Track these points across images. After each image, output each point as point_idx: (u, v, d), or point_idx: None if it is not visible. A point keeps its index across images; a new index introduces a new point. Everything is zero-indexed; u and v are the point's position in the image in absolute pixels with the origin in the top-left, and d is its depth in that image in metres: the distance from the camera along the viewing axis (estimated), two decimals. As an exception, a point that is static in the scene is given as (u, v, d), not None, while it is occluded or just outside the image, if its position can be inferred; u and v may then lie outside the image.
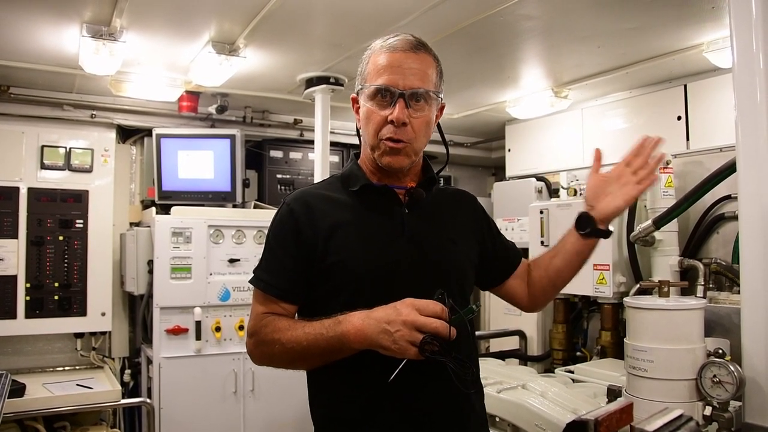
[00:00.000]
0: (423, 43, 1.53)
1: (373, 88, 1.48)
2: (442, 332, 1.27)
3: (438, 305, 1.31)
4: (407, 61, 1.47)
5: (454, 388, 1.35)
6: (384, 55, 1.49)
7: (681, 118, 3.50)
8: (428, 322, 1.28)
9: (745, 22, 1.72)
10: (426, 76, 1.49)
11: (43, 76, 3.61)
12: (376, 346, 1.33)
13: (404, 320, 1.29)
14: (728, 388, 1.60)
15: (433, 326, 1.28)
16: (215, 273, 3.84)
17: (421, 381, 1.43)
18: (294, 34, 3.02)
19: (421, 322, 1.28)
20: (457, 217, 1.66)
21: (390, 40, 1.51)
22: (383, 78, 1.46)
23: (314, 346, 1.40)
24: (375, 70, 1.49)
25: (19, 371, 3.67)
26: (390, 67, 1.47)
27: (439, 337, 1.27)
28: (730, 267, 3.09)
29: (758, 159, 1.70)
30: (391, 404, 1.45)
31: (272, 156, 4.65)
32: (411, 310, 1.30)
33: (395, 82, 1.45)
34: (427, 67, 1.50)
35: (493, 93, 4.09)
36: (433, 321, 1.28)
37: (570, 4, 2.64)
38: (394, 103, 1.45)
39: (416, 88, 1.46)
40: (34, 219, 3.73)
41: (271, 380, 3.84)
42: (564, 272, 1.70)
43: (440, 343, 1.27)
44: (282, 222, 1.56)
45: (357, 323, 1.35)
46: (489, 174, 6.06)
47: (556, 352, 3.72)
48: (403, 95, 1.45)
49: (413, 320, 1.28)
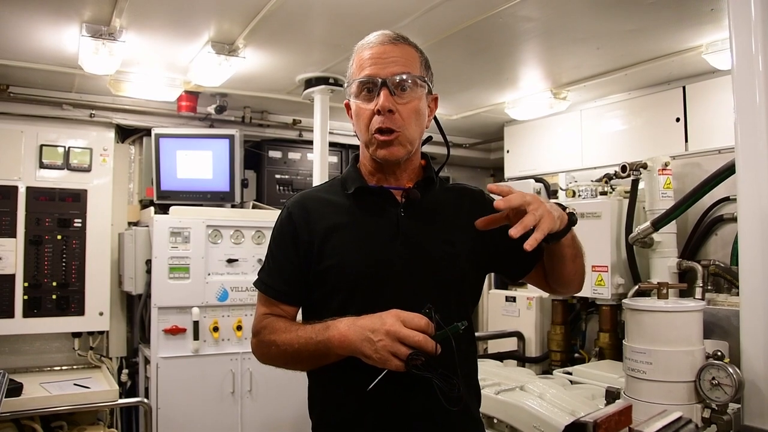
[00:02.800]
0: (403, 36, 1.54)
1: (357, 82, 1.49)
2: (426, 347, 1.28)
3: (423, 320, 1.31)
4: (387, 51, 1.48)
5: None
6: (364, 51, 1.50)
7: (680, 120, 3.50)
8: (411, 335, 1.28)
9: (744, 24, 1.72)
10: (408, 63, 1.49)
11: (42, 76, 3.61)
12: (359, 354, 1.34)
13: (387, 330, 1.29)
14: (727, 390, 1.60)
15: (416, 339, 1.28)
16: (213, 273, 3.84)
17: (412, 385, 1.43)
18: (293, 35, 3.02)
19: (404, 334, 1.28)
20: (458, 217, 1.61)
21: (370, 38, 1.52)
22: (365, 71, 1.48)
23: (304, 350, 1.43)
24: (358, 67, 1.51)
25: (16, 370, 3.66)
26: (370, 59, 1.48)
27: (425, 352, 1.28)
28: (728, 269, 3.09)
29: (757, 161, 1.70)
30: (382, 408, 1.45)
31: (271, 156, 4.64)
32: (395, 321, 1.30)
33: (376, 72, 1.46)
34: (409, 55, 1.50)
35: (492, 94, 4.09)
36: (416, 334, 1.29)
37: (569, 6, 2.64)
38: (379, 93, 1.45)
39: (398, 73, 1.46)
40: (33, 218, 3.72)
41: (269, 381, 3.84)
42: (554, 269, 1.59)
43: (426, 359, 1.27)
44: (282, 226, 1.59)
45: (342, 329, 1.36)
46: (488, 175, 6.06)
47: (555, 353, 3.72)
48: (386, 83, 1.45)
49: (396, 331, 1.29)
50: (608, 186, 3.50)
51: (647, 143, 3.65)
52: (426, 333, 1.30)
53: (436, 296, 1.44)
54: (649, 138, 3.67)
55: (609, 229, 3.28)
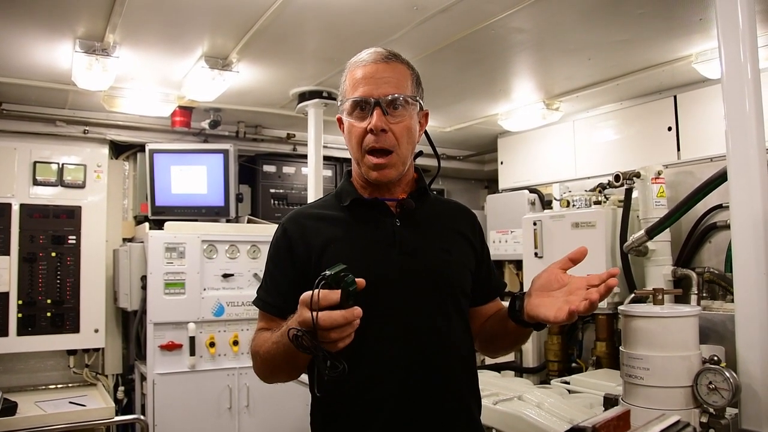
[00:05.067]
0: (395, 53, 1.56)
1: (350, 101, 1.51)
2: (307, 323, 1.19)
3: (309, 293, 1.21)
4: (379, 71, 1.50)
5: (448, 403, 1.35)
6: (357, 70, 1.52)
7: (671, 129, 3.53)
8: (305, 317, 1.20)
9: (732, 34, 1.75)
10: (400, 83, 1.51)
11: (35, 92, 3.61)
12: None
13: (300, 321, 1.23)
14: (724, 394, 1.60)
15: (305, 316, 1.20)
16: (209, 288, 3.83)
17: (416, 398, 1.44)
18: (286, 49, 3.04)
19: (304, 317, 1.21)
20: (453, 229, 1.65)
21: (362, 55, 1.54)
22: (359, 91, 1.50)
23: (277, 353, 1.40)
24: (351, 85, 1.53)
25: (10, 389, 3.63)
26: (363, 79, 1.50)
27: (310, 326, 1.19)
28: (723, 275, 3.10)
29: (749, 168, 1.72)
30: (385, 422, 1.44)
31: (265, 171, 4.65)
32: (302, 308, 1.23)
33: (370, 93, 1.48)
34: (401, 75, 1.53)
35: (485, 106, 4.12)
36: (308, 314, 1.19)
37: (560, 17, 2.67)
38: (372, 113, 1.47)
39: (391, 94, 1.48)
40: (27, 235, 3.71)
41: (267, 396, 3.81)
42: (495, 339, 1.64)
43: (310, 333, 1.19)
44: (278, 243, 1.60)
45: (291, 325, 1.31)
46: (482, 187, 6.08)
47: (552, 363, 3.72)
48: (379, 103, 1.47)
49: (304, 318, 1.20)
50: (602, 195, 3.51)
51: (640, 152, 3.67)
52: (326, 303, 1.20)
53: (433, 304, 1.45)
54: (642, 147, 3.70)
55: (603, 239, 3.29)
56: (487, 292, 1.71)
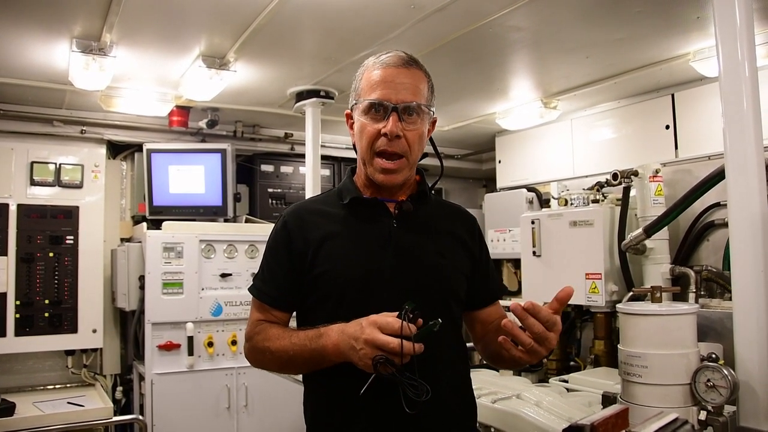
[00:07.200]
0: (415, 59, 1.58)
1: (367, 102, 1.52)
2: (396, 352, 1.29)
3: (397, 323, 1.32)
4: (399, 76, 1.52)
5: (437, 400, 1.36)
6: (377, 71, 1.53)
7: (669, 127, 3.53)
8: (387, 342, 1.30)
9: (729, 32, 1.74)
10: (418, 90, 1.53)
11: (32, 92, 3.61)
12: (351, 361, 1.37)
13: (366, 339, 1.32)
14: (722, 392, 1.60)
15: (390, 347, 1.30)
16: (207, 288, 3.83)
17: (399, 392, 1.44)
18: (284, 48, 3.04)
19: (381, 342, 1.30)
20: (450, 232, 1.67)
21: (383, 57, 1.56)
22: (377, 93, 1.51)
23: (299, 357, 1.47)
24: (368, 85, 1.54)
25: (8, 390, 3.63)
26: (383, 82, 1.51)
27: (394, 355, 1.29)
28: (721, 274, 3.10)
29: (746, 166, 1.71)
30: (372, 414, 1.46)
31: (263, 170, 4.65)
32: (372, 329, 1.32)
33: (388, 97, 1.50)
34: (419, 82, 1.55)
35: (482, 105, 4.12)
36: (392, 341, 1.30)
37: (558, 16, 2.67)
38: (388, 117, 1.49)
39: (409, 102, 1.50)
40: (24, 236, 3.70)
41: (265, 395, 3.81)
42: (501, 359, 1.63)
43: (395, 363, 1.29)
44: (277, 234, 1.64)
45: (334, 338, 1.40)
46: (480, 186, 6.08)
47: (550, 362, 3.71)
48: (396, 109, 1.49)
49: (373, 339, 1.31)
50: (600, 194, 3.51)
51: (638, 151, 3.67)
52: (402, 336, 1.30)
53: (425, 305, 1.45)
54: (640, 146, 3.70)
55: (602, 237, 3.29)
56: (485, 295, 1.73)
